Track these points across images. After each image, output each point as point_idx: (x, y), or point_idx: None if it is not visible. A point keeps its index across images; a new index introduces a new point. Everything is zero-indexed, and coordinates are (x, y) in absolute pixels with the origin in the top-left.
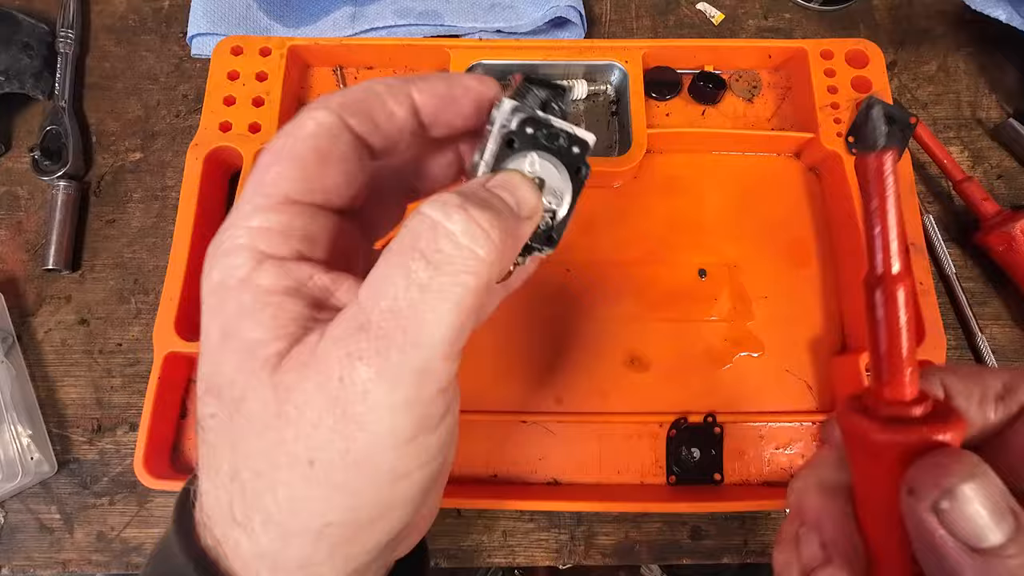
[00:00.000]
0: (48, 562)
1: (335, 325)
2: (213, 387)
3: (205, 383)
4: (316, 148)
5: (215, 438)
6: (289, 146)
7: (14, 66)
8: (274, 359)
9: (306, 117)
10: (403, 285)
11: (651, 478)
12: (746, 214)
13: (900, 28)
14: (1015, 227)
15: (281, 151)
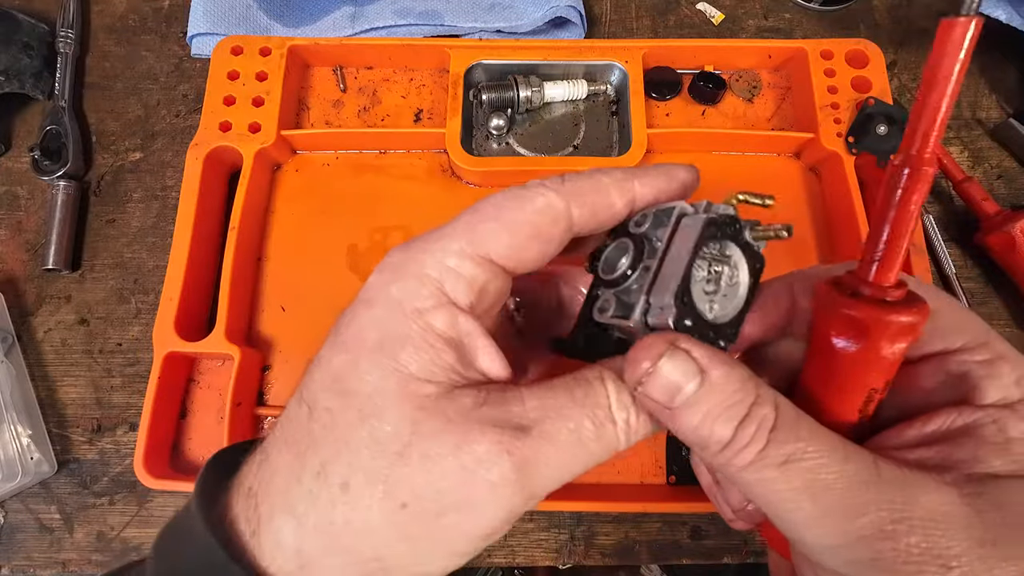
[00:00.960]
0: (48, 562)
1: (492, 407)
2: (343, 384)
3: (334, 375)
4: (535, 226)
5: (322, 432)
6: (512, 212)
7: (14, 66)
8: (422, 399)
9: (536, 192)
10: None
11: (651, 478)
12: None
13: (900, 28)
14: (1015, 227)
15: (503, 214)
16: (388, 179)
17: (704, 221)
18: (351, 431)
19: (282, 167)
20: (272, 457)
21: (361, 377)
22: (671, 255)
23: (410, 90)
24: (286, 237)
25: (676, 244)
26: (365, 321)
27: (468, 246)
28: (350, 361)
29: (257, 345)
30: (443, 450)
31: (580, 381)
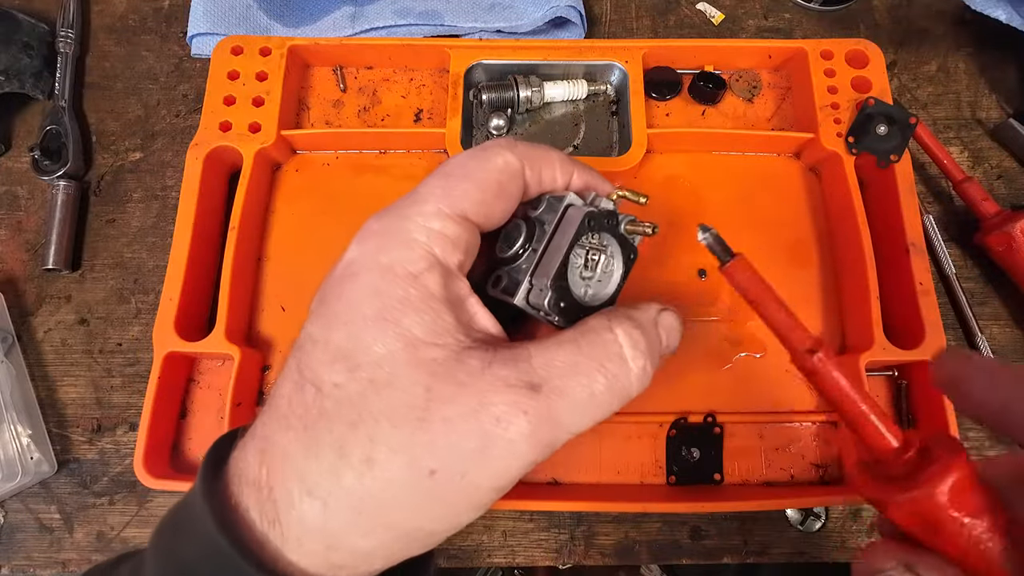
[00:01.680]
0: (48, 562)
1: (502, 366)
2: (349, 358)
3: (336, 350)
4: (499, 182)
5: (334, 407)
6: (479, 171)
7: (14, 66)
8: (431, 364)
9: (495, 152)
10: (583, 383)
11: (651, 478)
12: (746, 214)
13: (900, 28)
14: (1015, 227)
15: (471, 173)
16: (388, 179)
17: (584, 213)
18: (366, 403)
19: (282, 167)
20: (278, 442)
21: (368, 348)
22: (555, 241)
23: (410, 90)
24: (286, 237)
25: (560, 231)
26: (359, 291)
27: (447, 207)
28: (352, 334)
29: (257, 345)
30: (462, 412)
31: (587, 333)
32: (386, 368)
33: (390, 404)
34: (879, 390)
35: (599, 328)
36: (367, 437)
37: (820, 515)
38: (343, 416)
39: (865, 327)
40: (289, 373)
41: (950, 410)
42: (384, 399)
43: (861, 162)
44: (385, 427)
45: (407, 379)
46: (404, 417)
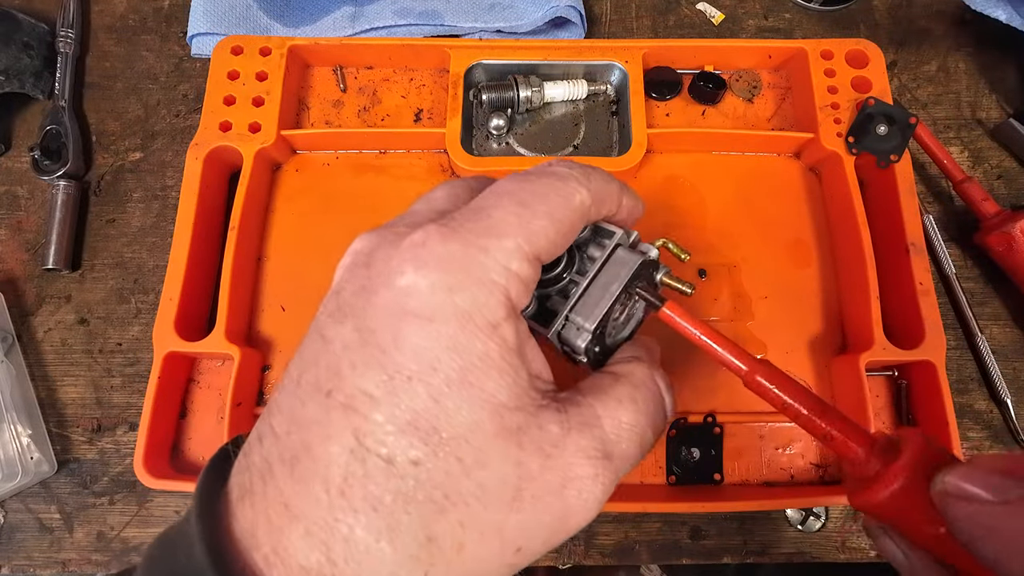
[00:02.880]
0: (48, 562)
1: (579, 434)
2: (427, 429)
3: (409, 418)
4: (573, 223)
5: (413, 488)
6: (559, 210)
7: (14, 66)
8: (517, 434)
9: (575, 189)
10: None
11: (651, 478)
12: (746, 214)
13: (900, 28)
14: (1015, 227)
15: (552, 211)
16: (388, 179)
17: (640, 262)
18: (454, 485)
19: (282, 167)
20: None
21: (450, 418)
22: (601, 281)
23: (410, 90)
24: (286, 237)
25: (609, 272)
26: (433, 343)
27: (525, 244)
28: (430, 399)
29: (257, 345)
30: (551, 488)
31: (640, 388)
32: (474, 443)
33: (481, 485)
34: (879, 390)
35: (647, 381)
36: (458, 522)
37: (820, 515)
38: (427, 498)
39: (865, 327)
40: (337, 434)
41: (950, 410)
42: (474, 480)
43: (861, 162)
44: (477, 510)
45: (497, 455)
46: (497, 499)
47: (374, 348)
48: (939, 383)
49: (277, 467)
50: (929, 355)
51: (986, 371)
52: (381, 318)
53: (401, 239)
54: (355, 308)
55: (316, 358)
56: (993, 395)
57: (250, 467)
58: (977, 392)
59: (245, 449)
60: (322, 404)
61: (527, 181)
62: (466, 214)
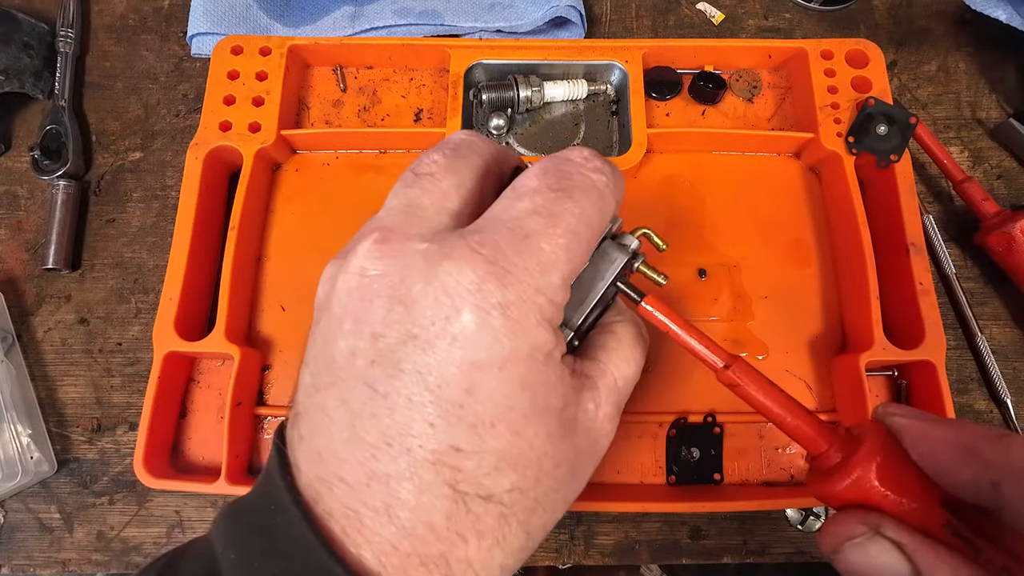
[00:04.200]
0: (48, 561)
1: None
2: (514, 460)
3: (502, 457)
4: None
5: (510, 509)
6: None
7: (14, 65)
8: (573, 430)
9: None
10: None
11: (651, 478)
12: (746, 214)
13: (900, 28)
14: (1015, 227)
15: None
16: (388, 179)
17: (628, 258)
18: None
19: (282, 167)
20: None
21: (531, 442)
22: (585, 275)
23: (410, 90)
24: (286, 237)
25: (593, 266)
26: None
27: (569, 275)
28: (512, 433)
29: (257, 345)
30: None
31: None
32: (551, 452)
33: (558, 480)
34: (879, 390)
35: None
36: (544, 511)
37: (820, 515)
38: (523, 509)
39: (865, 327)
40: (431, 487)
41: (950, 410)
42: (553, 479)
43: (861, 162)
44: (555, 496)
45: (565, 451)
46: (566, 481)
47: (448, 404)
48: (939, 383)
49: (368, 516)
50: (929, 355)
51: (986, 371)
52: (447, 370)
53: (440, 272)
54: (409, 359)
55: (371, 411)
56: (993, 395)
57: (332, 513)
58: (977, 392)
59: (314, 494)
60: (402, 460)
61: (572, 199)
62: (513, 243)
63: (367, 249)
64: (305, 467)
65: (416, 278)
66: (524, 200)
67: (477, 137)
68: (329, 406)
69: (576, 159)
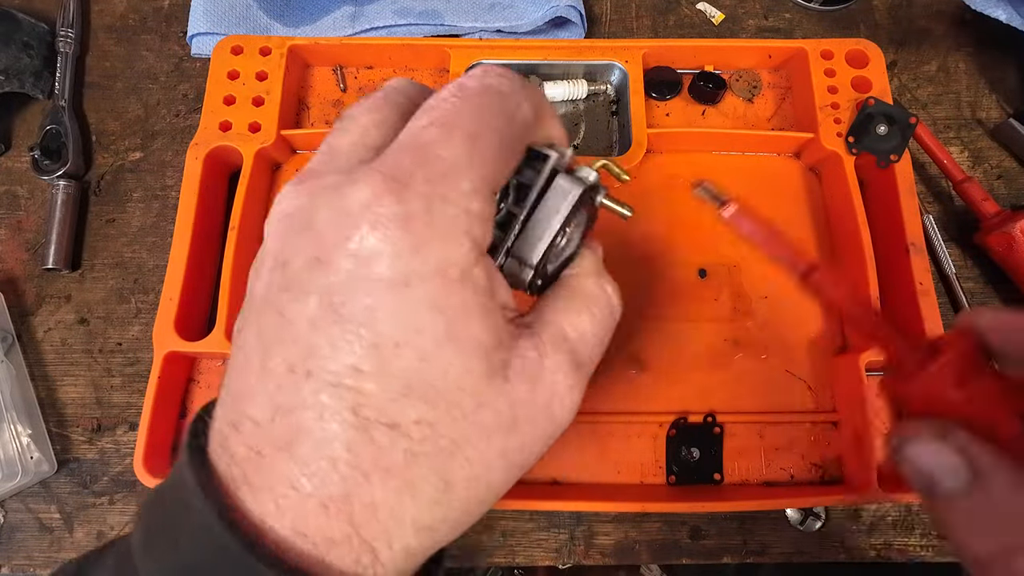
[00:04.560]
0: (48, 561)
1: (555, 350)
2: (423, 389)
3: (403, 384)
4: (519, 145)
5: (422, 445)
6: (507, 133)
7: (14, 65)
8: (504, 369)
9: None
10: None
11: (651, 478)
12: None
13: (900, 28)
14: (1015, 227)
15: (503, 139)
16: None
17: (581, 192)
18: (459, 430)
19: (282, 167)
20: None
21: (444, 372)
22: (541, 213)
23: None
24: None
25: (549, 204)
26: (415, 308)
27: (480, 181)
28: (420, 361)
29: None
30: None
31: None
32: (469, 389)
33: (481, 424)
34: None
35: (597, 291)
36: (466, 461)
37: (820, 515)
38: (436, 449)
39: None
40: (333, 413)
41: None
42: (474, 421)
43: (861, 162)
44: (482, 446)
45: (491, 394)
46: (497, 430)
47: (350, 323)
48: None
49: (271, 453)
50: None
51: None
52: (348, 291)
53: (343, 196)
54: (314, 282)
55: (279, 338)
56: None
57: (235, 458)
58: None
59: (218, 441)
60: (305, 386)
61: (468, 102)
62: (411, 157)
63: (285, 192)
64: (219, 414)
65: (322, 205)
66: (422, 118)
67: (408, 82)
68: (247, 344)
69: (476, 72)
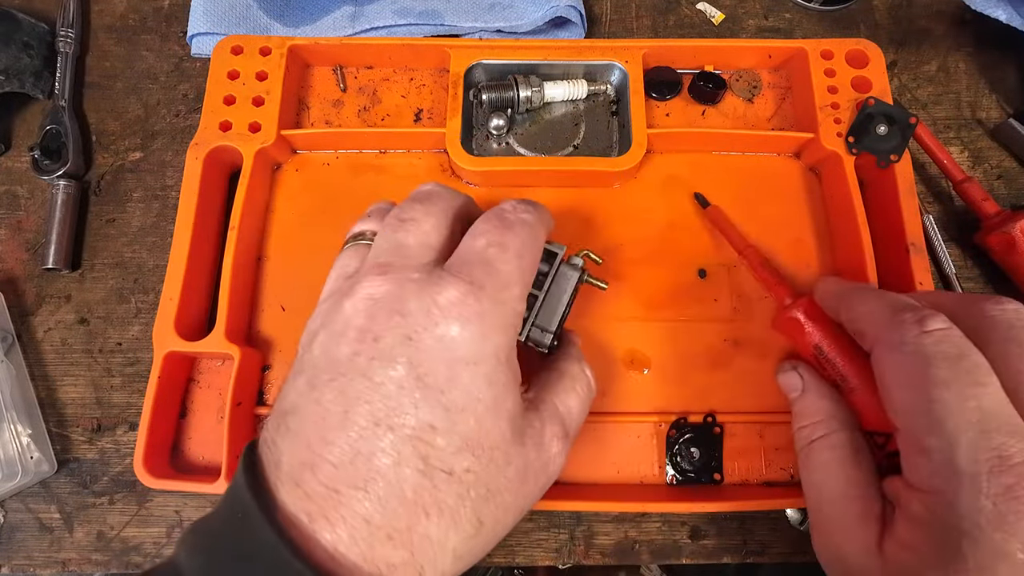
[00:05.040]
0: (48, 561)
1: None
2: (475, 444)
3: (463, 440)
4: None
5: (467, 488)
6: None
7: (14, 65)
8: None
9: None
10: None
11: (651, 478)
12: (746, 214)
13: (900, 28)
14: (1015, 227)
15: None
16: (388, 179)
17: (580, 275)
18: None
19: (282, 167)
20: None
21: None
22: (553, 292)
23: (410, 90)
24: (286, 237)
25: (557, 284)
26: (478, 381)
27: (523, 288)
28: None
29: (257, 345)
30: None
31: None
32: (503, 448)
33: (508, 478)
34: None
35: (579, 374)
36: (496, 506)
37: None
38: (478, 495)
39: None
40: (407, 460)
41: None
42: (504, 475)
43: (861, 162)
44: (506, 495)
45: (516, 453)
46: (517, 483)
47: (432, 389)
48: None
49: (347, 491)
50: None
51: None
52: (434, 364)
53: (435, 293)
54: (405, 355)
55: (366, 397)
56: None
57: (312, 496)
58: None
59: (295, 479)
60: (386, 437)
61: (513, 233)
62: (482, 269)
63: (371, 279)
64: (289, 457)
65: (411, 297)
66: (480, 239)
67: (443, 187)
68: (326, 399)
69: (508, 208)
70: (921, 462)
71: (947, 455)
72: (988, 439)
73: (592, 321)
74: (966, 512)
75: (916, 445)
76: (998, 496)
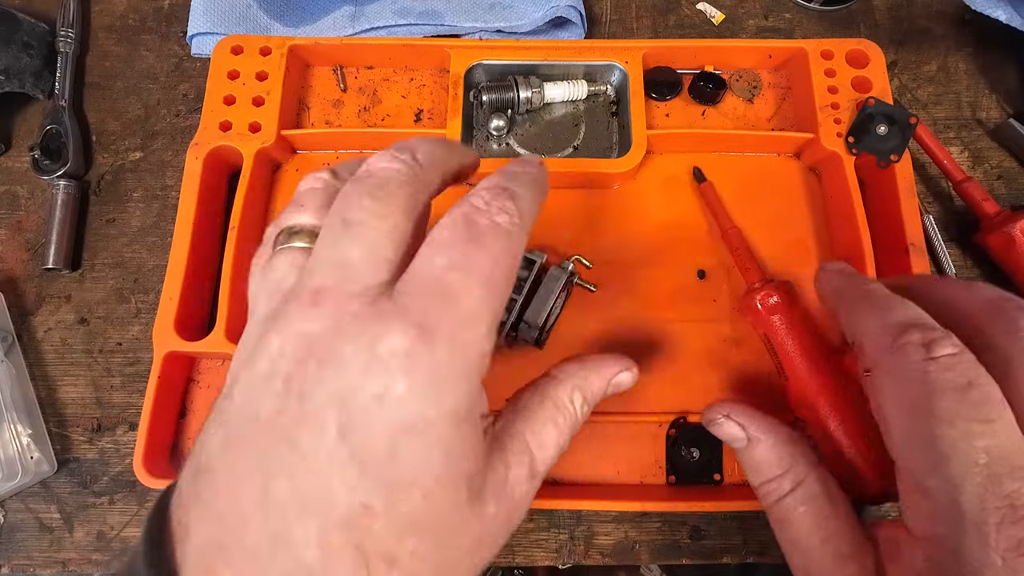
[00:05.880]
0: (48, 561)
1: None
2: (421, 526)
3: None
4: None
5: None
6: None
7: (14, 65)
8: (481, 490)
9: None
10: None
11: (651, 478)
12: (746, 214)
13: (900, 28)
14: (1015, 227)
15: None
16: None
17: (568, 278)
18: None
19: (282, 167)
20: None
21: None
22: (540, 294)
23: (410, 90)
24: None
25: (545, 285)
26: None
27: (493, 321)
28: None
29: None
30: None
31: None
32: (457, 518)
33: (460, 550)
34: None
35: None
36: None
37: None
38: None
39: None
40: (340, 554)
41: None
42: (455, 548)
43: (861, 162)
44: (463, 563)
45: (473, 517)
46: (470, 552)
47: (368, 465)
48: None
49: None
50: None
51: None
52: (371, 431)
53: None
54: (336, 420)
55: (288, 470)
56: None
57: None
58: None
59: (204, 565)
60: (312, 523)
61: (483, 250)
62: (437, 305)
63: (302, 309)
64: (198, 528)
65: (348, 341)
66: (439, 256)
67: (401, 164)
68: (241, 466)
69: (480, 205)
70: (921, 503)
71: (951, 497)
72: (998, 485)
73: (591, 321)
74: (972, 567)
75: (916, 484)
76: (1008, 551)
